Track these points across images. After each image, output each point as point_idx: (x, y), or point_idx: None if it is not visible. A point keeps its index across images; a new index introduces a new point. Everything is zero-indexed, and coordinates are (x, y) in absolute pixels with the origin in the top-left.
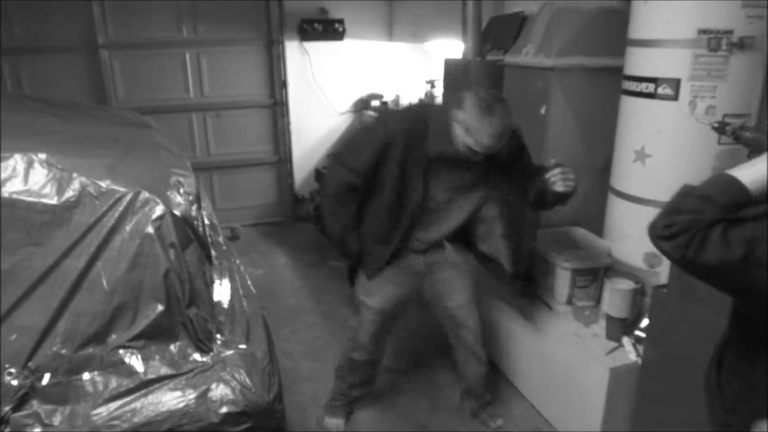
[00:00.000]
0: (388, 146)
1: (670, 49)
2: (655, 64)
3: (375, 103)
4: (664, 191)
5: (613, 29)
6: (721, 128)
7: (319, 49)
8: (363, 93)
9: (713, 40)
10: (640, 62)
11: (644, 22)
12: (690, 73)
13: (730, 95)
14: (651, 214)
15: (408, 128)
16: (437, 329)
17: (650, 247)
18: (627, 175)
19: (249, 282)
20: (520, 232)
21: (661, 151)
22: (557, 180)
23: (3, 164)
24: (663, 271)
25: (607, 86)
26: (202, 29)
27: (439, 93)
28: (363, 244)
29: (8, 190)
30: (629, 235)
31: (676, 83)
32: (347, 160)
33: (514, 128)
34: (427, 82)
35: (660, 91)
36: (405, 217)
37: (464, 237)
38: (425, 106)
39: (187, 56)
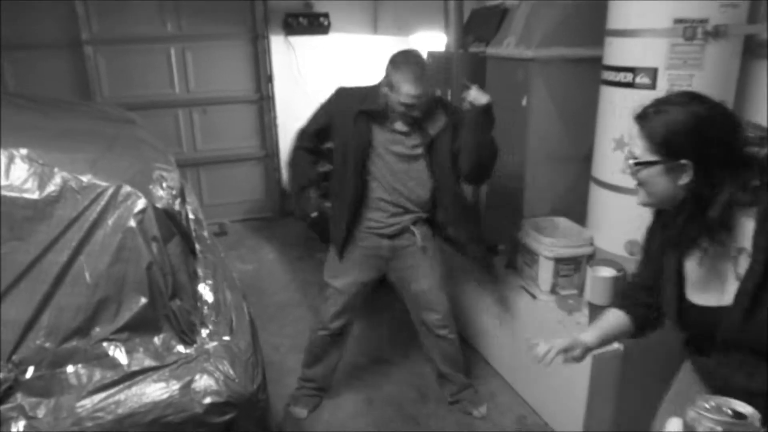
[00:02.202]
0: (336, 113)
1: (647, 39)
2: (632, 53)
3: None
4: None
5: (592, 19)
6: None
7: (305, 43)
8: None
9: (689, 29)
10: (618, 52)
11: (621, 12)
12: (667, 62)
13: (707, 83)
14: (631, 202)
15: (352, 100)
16: None
17: (630, 235)
18: (607, 164)
19: (234, 275)
20: (473, 214)
21: None
22: (476, 94)
23: None
24: None
25: (588, 76)
26: (187, 24)
27: None
28: (330, 224)
29: None
30: (610, 224)
31: (653, 72)
32: (302, 129)
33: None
34: None
35: (638, 80)
36: (352, 180)
37: (431, 222)
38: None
39: (172, 51)
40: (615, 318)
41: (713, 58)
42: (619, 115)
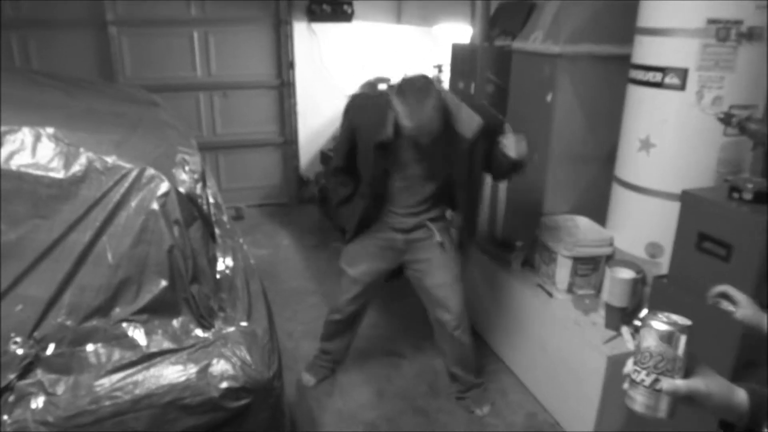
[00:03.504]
0: (355, 132)
1: (679, 39)
2: (663, 53)
3: (382, 86)
4: (668, 181)
5: (622, 17)
6: (726, 119)
7: (327, 30)
8: (370, 76)
9: (722, 30)
10: (647, 51)
11: (653, 11)
12: (698, 63)
13: (738, 86)
14: (654, 204)
15: (369, 118)
16: None
17: (652, 237)
18: (631, 164)
19: (252, 261)
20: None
21: (666, 140)
22: (510, 146)
23: (11, 137)
24: (664, 261)
25: (615, 74)
26: (211, 7)
27: (446, 78)
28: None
29: (16, 163)
30: (631, 225)
31: (683, 73)
32: (334, 163)
33: (486, 115)
34: (435, 67)
35: (667, 80)
36: (371, 192)
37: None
38: (385, 92)
39: (195, 34)
40: None
41: (746, 61)
42: (645, 115)
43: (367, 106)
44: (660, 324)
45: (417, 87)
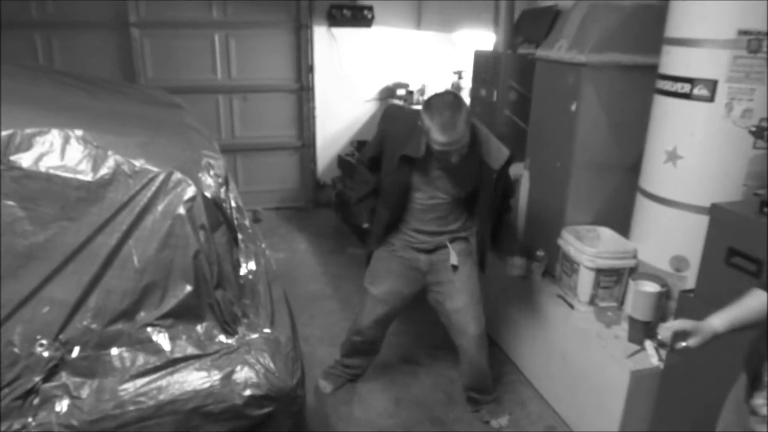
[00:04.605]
0: (384, 141)
1: (708, 50)
2: (691, 64)
3: (401, 91)
4: (694, 194)
5: (650, 26)
6: (759, 132)
7: (347, 35)
8: (389, 81)
9: (753, 42)
10: (676, 62)
11: (682, 21)
12: (728, 74)
13: None
14: (680, 216)
15: (399, 130)
16: None
17: (677, 250)
18: (657, 176)
19: (274, 266)
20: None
21: (693, 153)
22: (514, 267)
23: (41, 139)
24: (689, 275)
25: (641, 84)
26: (232, 10)
27: (467, 85)
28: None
29: (45, 164)
30: (656, 237)
31: (712, 84)
32: (368, 154)
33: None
34: (455, 73)
35: (696, 91)
36: (393, 205)
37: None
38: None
39: (216, 37)
40: (758, 301)
41: None
42: (673, 126)
43: (399, 117)
44: None
45: (447, 102)
